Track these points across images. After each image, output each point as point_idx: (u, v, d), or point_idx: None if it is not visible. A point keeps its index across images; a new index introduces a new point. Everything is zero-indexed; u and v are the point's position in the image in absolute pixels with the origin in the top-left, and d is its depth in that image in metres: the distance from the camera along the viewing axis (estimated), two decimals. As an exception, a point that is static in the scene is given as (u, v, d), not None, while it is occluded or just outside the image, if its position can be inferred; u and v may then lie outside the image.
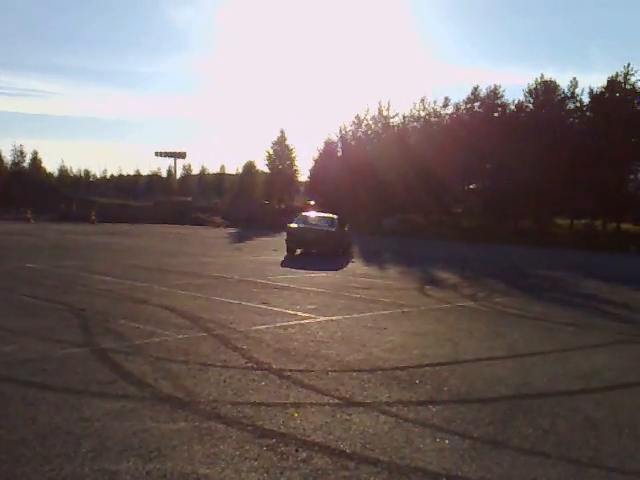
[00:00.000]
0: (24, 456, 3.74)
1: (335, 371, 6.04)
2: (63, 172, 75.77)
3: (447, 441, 4.34)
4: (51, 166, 76.44)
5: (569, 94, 42.78)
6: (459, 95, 78.94)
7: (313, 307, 9.85)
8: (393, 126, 48.88)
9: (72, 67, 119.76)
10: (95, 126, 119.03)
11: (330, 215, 22.83)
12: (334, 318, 8.97)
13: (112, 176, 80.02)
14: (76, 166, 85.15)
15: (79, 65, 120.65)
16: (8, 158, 68.50)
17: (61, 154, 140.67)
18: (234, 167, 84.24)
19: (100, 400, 4.84)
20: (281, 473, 3.65)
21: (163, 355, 6.41)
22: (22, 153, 68.95)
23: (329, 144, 52.00)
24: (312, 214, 24.04)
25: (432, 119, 47.43)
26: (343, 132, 51.22)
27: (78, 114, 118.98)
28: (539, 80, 43.14)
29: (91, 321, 8.07)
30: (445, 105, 47.40)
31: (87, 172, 79.46)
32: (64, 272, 13.77)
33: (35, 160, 70.22)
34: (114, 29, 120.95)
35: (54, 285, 11.53)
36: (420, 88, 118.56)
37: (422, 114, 48.03)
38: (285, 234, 21.37)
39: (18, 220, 39.88)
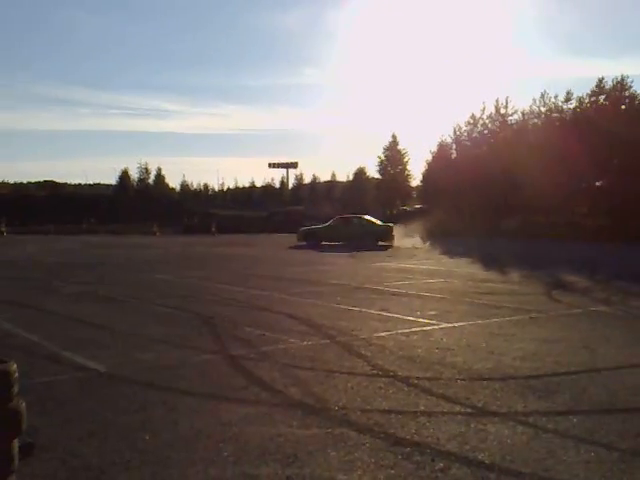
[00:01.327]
0: (170, 459, 3.92)
1: (464, 379, 5.87)
2: (184, 187, 79.85)
3: (592, 453, 4.07)
4: (174, 181, 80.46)
5: None
6: (582, 89, 74.94)
7: (434, 313, 9.67)
8: (511, 124, 47.16)
9: (190, 85, 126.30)
10: (212, 141, 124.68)
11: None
12: (457, 325, 8.75)
13: (229, 189, 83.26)
14: (196, 181, 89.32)
15: (196, 83, 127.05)
16: (135, 175, 73.19)
17: (182, 169, 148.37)
18: (345, 174, 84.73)
19: (236, 405, 5.01)
20: (419, 483, 3.58)
21: (289, 362, 6.53)
22: (147, 170, 73.34)
23: (443, 146, 51.08)
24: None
25: (553, 115, 45.23)
26: (457, 133, 50.16)
27: (197, 131, 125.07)
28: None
29: (220, 329, 8.40)
30: (567, 99, 45.00)
31: (206, 186, 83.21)
32: (190, 282, 14.48)
33: (159, 176, 74.44)
34: (219, 45, 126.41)
35: (183, 295, 12.14)
36: (538, 83, 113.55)
37: (542, 110, 45.94)
38: None
39: (145, 234, 42.52)
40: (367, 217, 31.36)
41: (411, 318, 9.22)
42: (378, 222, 30.93)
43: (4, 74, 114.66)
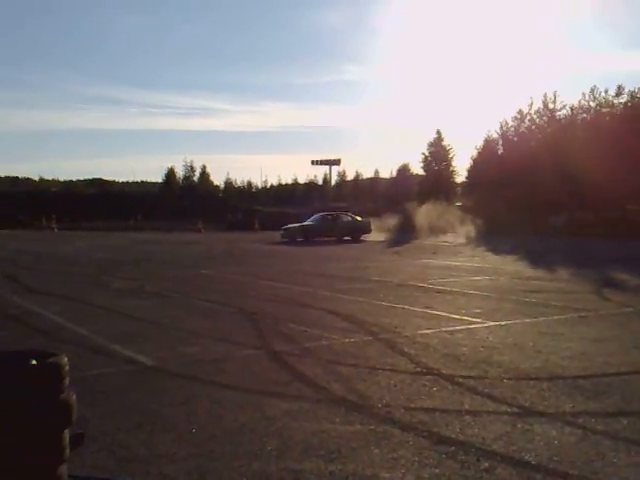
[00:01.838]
0: (214, 452, 3.97)
1: (510, 379, 5.76)
2: (228, 184, 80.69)
3: (644, 457, 3.94)
4: (218, 179, 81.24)
5: None
6: (633, 83, 72.50)
7: (479, 311, 9.52)
8: (560, 119, 46.07)
9: (234, 84, 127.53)
10: (256, 139, 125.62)
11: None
12: (503, 323, 8.60)
13: (272, 186, 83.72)
14: (240, 178, 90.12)
15: (240, 81, 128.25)
16: (180, 173, 74.41)
17: (227, 167, 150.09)
18: (388, 171, 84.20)
19: (279, 400, 5.03)
20: (464, 482, 3.53)
21: (332, 358, 6.53)
22: (192, 168, 74.46)
23: (489, 142, 50.25)
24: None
25: (603, 109, 43.97)
26: (504, 128, 49.27)
27: (241, 129, 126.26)
28: None
29: (262, 324, 8.46)
30: (618, 94, 43.69)
31: (250, 183, 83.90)
32: (233, 278, 14.64)
33: (204, 174, 75.49)
34: (262, 43, 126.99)
35: (226, 290, 12.30)
36: (587, 78, 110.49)
37: (592, 105, 44.72)
38: None
39: (190, 230, 43.18)
40: (349, 214, 33.97)
41: (456, 316, 9.10)
42: (359, 218, 33.23)
43: (52, 74, 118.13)
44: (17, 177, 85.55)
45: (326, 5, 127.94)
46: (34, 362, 2.87)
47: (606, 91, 44.40)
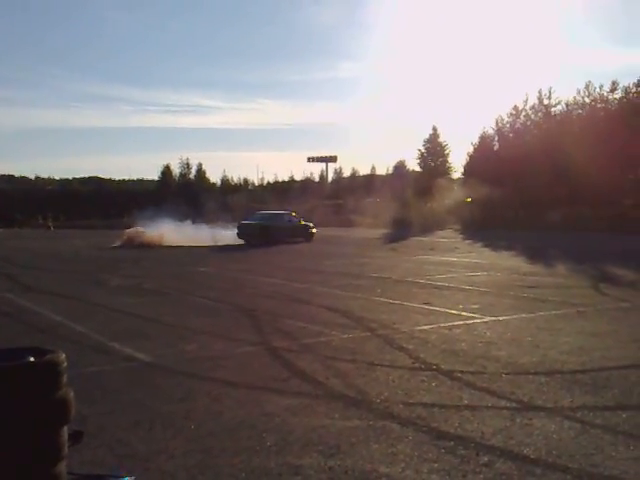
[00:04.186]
0: (214, 448, 3.97)
1: (509, 374, 5.76)
2: (225, 181, 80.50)
3: (643, 450, 3.95)
4: (214, 176, 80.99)
5: None
6: (628, 78, 72.47)
7: (477, 307, 9.53)
8: (555, 115, 46.12)
9: (229, 81, 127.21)
10: (252, 136, 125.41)
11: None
12: (501, 318, 8.61)
13: (269, 183, 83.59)
14: (236, 175, 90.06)
15: (235, 79, 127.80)
16: (176, 170, 74.25)
17: (223, 164, 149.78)
18: (384, 167, 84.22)
19: (278, 396, 5.03)
20: (463, 476, 3.53)
21: (331, 354, 6.53)
22: (188, 165, 74.24)
23: (485, 138, 50.32)
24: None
25: (598, 105, 44.02)
26: (500, 124, 49.31)
27: (237, 126, 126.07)
28: None
29: (261, 321, 8.46)
30: (613, 90, 43.73)
31: (246, 180, 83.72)
32: (232, 275, 14.64)
33: (200, 171, 75.30)
34: (256, 40, 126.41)
35: (224, 287, 12.30)
36: (582, 74, 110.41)
37: (587, 100, 44.78)
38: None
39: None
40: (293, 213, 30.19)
41: (454, 311, 9.11)
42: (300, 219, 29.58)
43: (46, 72, 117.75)
44: (13, 175, 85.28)
45: (319, 1, 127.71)
46: (32, 359, 2.86)
47: (601, 87, 44.50)
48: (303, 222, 29.06)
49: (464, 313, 8.97)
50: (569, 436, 4.18)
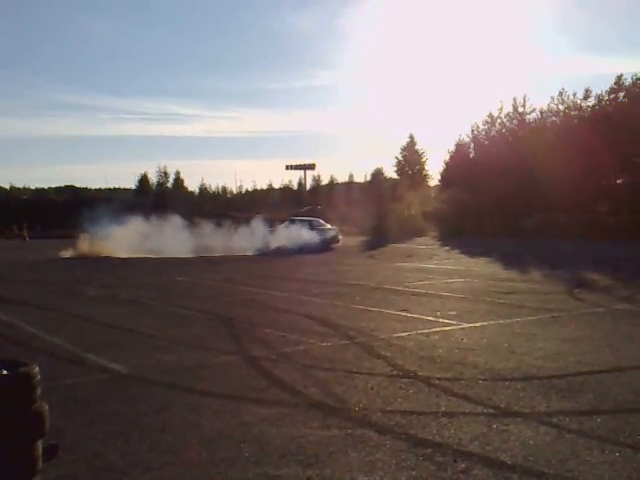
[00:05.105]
0: (191, 459, 3.94)
1: (485, 380, 5.82)
2: (203, 190, 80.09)
3: (617, 454, 4.00)
4: (192, 184, 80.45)
5: None
6: (600, 86, 73.76)
7: (454, 313, 9.60)
8: (530, 122, 46.76)
9: (205, 90, 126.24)
10: (229, 145, 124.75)
11: None
12: (478, 324, 8.68)
13: (247, 191, 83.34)
14: (214, 183, 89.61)
15: (212, 87, 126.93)
16: (154, 179, 73.75)
17: (200, 173, 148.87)
18: (362, 175, 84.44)
19: (256, 406, 5.01)
20: (441, 484, 3.55)
21: (309, 362, 6.53)
22: (166, 174, 73.78)
23: (461, 146, 50.77)
24: None
25: (572, 113, 44.71)
26: (475, 132, 49.82)
27: (214, 134, 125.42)
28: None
29: (239, 330, 8.43)
30: (586, 97, 44.39)
31: (224, 189, 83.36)
32: (210, 284, 14.56)
33: (178, 180, 74.86)
34: (232, 49, 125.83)
35: (202, 296, 12.22)
36: (556, 81, 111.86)
37: (561, 108, 45.46)
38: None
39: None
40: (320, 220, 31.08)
41: (431, 318, 9.17)
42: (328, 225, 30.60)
43: (22, 81, 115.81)
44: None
45: (296, 10, 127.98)
46: (5, 372, 2.82)
47: (574, 94, 45.19)
48: None
49: (441, 320, 9.03)
50: (545, 441, 4.23)
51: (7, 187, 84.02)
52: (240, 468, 3.78)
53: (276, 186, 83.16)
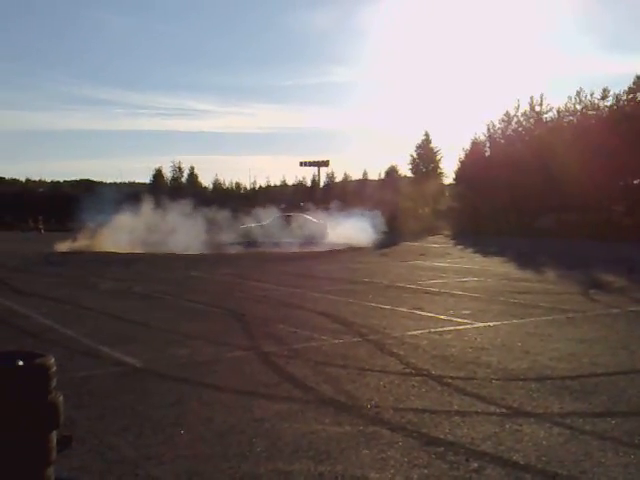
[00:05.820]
0: (204, 454, 3.96)
1: (499, 379, 5.78)
2: (217, 185, 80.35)
3: (632, 456, 3.97)
4: (206, 180, 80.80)
5: None
6: (619, 86, 72.80)
7: (468, 312, 9.56)
8: (546, 122, 46.38)
9: (220, 85, 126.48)
10: (244, 140, 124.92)
11: None
12: (492, 324, 8.64)
13: (260, 187, 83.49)
14: (228, 179, 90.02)
15: (227, 83, 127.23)
16: (168, 174, 74.13)
17: (215, 168, 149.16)
18: (376, 172, 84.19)
19: (268, 401, 5.03)
20: (453, 483, 3.54)
21: (321, 359, 6.53)
22: (180, 169, 74.18)
23: (476, 144, 50.45)
24: None
25: (589, 112, 44.30)
26: (491, 131, 49.49)
27: (228, 130, 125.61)
28: None
29: (252, 325, 8.45)
30: (604, 97, 43.97)
31: (238, 184, 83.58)
32: (223, 279, 14.62)
33: (192, 175, 75.19)
34: (249, 44, 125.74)
35: (216, 291, 12.27)
36: (573, 81, 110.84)
37: (578, 107, 45.04)
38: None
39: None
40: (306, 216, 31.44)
41: (444, 317, 9.13)
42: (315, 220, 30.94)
43: (38, 75, 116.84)
44: (3, 178, 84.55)
45: (312, 7, 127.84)
46: (21, 363, 2.84)
47: (592, 94, 44.74)
48: None
49: (455, 319, 8.99)
50: (558, 442, 4.20)
51: (23, 180, 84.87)
52: (252, 463, 3.79)
53: (290, 183, 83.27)
